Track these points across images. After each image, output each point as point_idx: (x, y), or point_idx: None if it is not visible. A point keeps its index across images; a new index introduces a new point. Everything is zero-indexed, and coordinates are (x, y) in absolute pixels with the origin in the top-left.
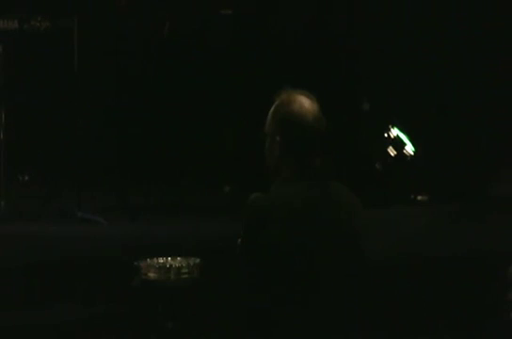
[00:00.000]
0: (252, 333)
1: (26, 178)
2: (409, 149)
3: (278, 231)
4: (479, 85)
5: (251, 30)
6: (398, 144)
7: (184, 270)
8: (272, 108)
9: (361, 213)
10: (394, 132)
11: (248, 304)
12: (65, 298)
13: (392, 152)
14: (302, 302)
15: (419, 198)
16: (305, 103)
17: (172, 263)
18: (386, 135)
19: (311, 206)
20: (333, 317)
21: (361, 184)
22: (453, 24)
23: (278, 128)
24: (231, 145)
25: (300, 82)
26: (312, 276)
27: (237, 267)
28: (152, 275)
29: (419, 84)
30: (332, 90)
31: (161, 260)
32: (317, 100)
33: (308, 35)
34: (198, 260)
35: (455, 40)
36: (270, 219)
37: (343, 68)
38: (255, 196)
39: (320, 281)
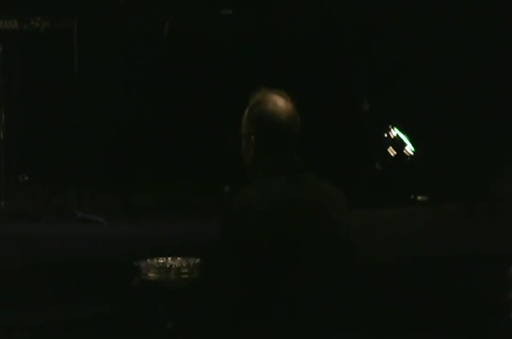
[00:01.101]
0: (237, 330)
1: (26, 178)
2: (409, 149)
3: (257, 225)
4: (479, 84)
5: (251, 30)
6: (398, 144)
7: (184, 270)
8: (247, 109)
9: (346, 204)
10: (394, 132)
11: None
12: (65, 298)
13: (391, 152)
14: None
15: (419, 198)
16: (278, 102)
17: (172, 263)
18: (386, 135)
19: (291, 200)
20: (318, 316)
21: (362, 184)
22: (453, 23)
23: (252, 128)
24: (231, 145)
25: (301, 82)
26: (298, 271)
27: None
28: (152, 275)
29: (419, 84)
30: (332, 90)
31: (161, 260)
32: (291, 99)
33: (308, 35)
34: (198, 260)
35: (454, 38)
36: (247, 215)
37: (343, 68)
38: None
39: (306, 275)
